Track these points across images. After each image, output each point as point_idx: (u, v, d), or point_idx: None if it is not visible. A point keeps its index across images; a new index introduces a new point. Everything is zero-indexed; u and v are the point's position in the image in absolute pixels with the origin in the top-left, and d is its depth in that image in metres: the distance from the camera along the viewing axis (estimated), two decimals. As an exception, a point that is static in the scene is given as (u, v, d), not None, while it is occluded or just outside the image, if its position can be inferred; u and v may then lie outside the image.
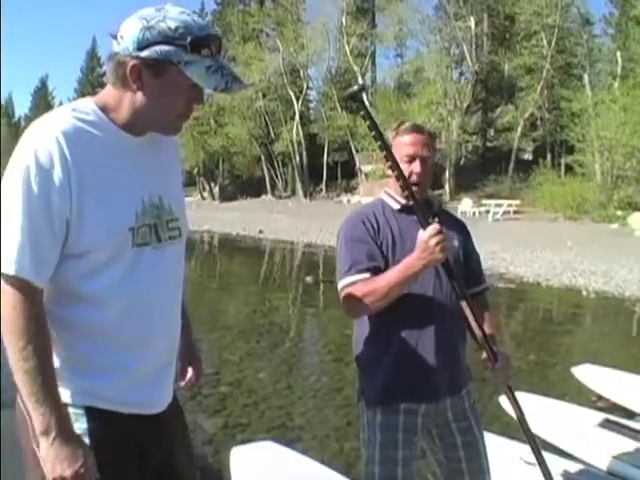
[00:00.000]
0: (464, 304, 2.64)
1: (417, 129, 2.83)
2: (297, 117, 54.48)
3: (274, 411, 6.35)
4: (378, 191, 3.02)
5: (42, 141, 1.73)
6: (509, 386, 2.74)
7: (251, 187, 59.61)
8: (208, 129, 60.11)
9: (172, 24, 1.79)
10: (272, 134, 56.79)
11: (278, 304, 13.80)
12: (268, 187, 58.50)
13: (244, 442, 4.90)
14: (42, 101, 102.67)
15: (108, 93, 1.90)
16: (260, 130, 57.43)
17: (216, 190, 61.68)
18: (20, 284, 1.72)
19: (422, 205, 2.60)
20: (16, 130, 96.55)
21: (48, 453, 1.75)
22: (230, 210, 46.18)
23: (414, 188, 2.69)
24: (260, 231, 29.97)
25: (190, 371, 2.37)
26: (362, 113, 2.49)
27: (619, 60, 38.96)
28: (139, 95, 1.85)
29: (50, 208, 1.72)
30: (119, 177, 1.88)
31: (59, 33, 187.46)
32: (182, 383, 2.34)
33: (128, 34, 1.80)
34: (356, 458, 4.93)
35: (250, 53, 53.80)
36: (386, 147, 2.52)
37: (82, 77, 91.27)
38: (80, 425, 1.87)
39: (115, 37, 1.83)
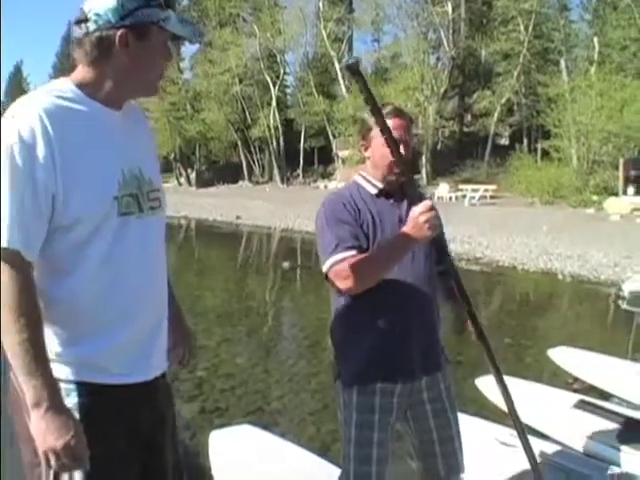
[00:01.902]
0: (452, 282, 2.63)
1: (400, 113, 2.82)
2: (274, 102, 54.33)
3: (251, 395, 6.36)
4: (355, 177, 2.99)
5: (24, 119, 1.77)
6: (497, 367, 2.73)
7: (228, 173, 59.37)
8: (184, 115, 59.87)
9: None
10: (249, 119, 56.57)
11: (255, 289, 13.82)
12: (245, 173, 58.30)
13: (222, 426, 4.89)
14: (17, 87, 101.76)
15: (84, 72, 1.95)
16: (237, 115, 57.20)
17: (193, 176, 61.47)
18: (11, 256, 1.74)
19: (413, 182, 2.59)
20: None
21: (39, 425, 1.75)
22: (207, 196, 46.04)
23: (396, 171, 2.73)
24: (237, 217, 29.92)
25: (179, 347, 2.39)
26: (359, 85, 2.45)
27: (596, 46, 39.06)
28: (125, 63, 1.92)
29: (36, 183, 1.75)
30: (100, 149, 1.92)
31: (33, 18, 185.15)
32: (173, 358, 2.35)
33: (104, 9, 1.86)
34: (332, 441, 4.94)
35: (227, 38, 53.52)
36: (382, 121, 2.48)
37: (57, 62, 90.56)
38: (71, 400, 1.88)
39: (83, 21, 1.89)
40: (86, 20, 1.88)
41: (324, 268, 2.70)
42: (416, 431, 2.88)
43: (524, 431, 2.82)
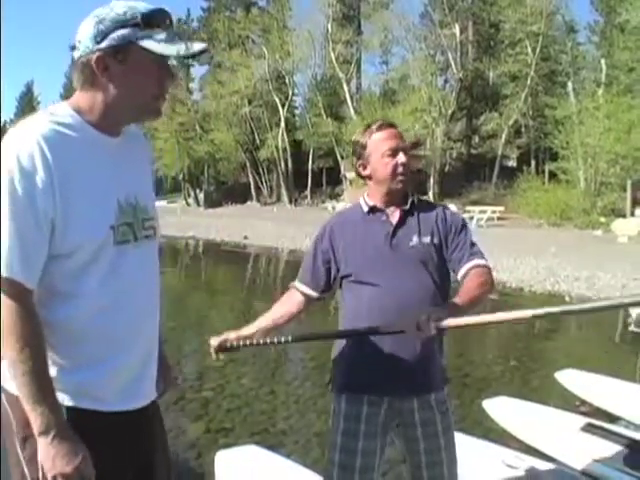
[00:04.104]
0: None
1: (389, 124, 2.91)
2: (282, 123, 54.47)
3: (257, 416, 6.33)
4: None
5: (24, 145, 1.77)
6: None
7: (236, 193, 59.54)
8: (193, 135, 60.11)
9: (120, 10, 1.88)
10: (257, 140, 56.74)
11: (262, 310, 13.71)
12: (253, 193, 58.41)
13: (228, 446, 4.88)
14: (27, 106, 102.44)
15: (79, 97, 1.96)
16: (245, 136, 57.33)
17: (201, 196, 61.59)
18: (12, 287, 1.75)
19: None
20: (0, 135, 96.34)
21: (48, 451, 1.77)
22: (215, 216, 46.07)
23: (400, 178, 2.81)
24: (245, 237, 29.91)
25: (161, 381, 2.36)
26: None
27: (603, 67, 39.15)
28: (110, 88, 1.91)
29: (36, 210, 1.75)
30: (98, 177, 1.92)
31: (44, 38, 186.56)
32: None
33: (84, 35, 1.89)
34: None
35: (236, 59, 53.88)
36: None
37: (67, 82, 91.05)
38: None
39: (74, 47, 1.92)
40: (74, 48, 1.91)
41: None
42: (407, 451, 2.90)
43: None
